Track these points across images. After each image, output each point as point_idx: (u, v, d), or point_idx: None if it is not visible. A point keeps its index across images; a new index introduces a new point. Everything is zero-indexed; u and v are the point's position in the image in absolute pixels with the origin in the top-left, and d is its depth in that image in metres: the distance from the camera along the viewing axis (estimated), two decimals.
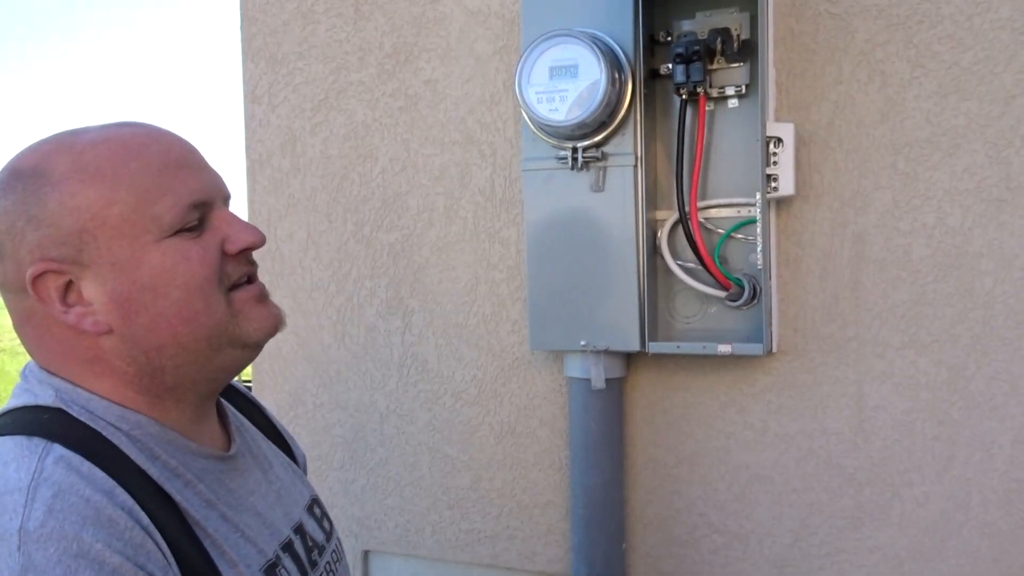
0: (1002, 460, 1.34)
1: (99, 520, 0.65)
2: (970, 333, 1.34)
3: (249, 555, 0.77)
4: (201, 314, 0.76)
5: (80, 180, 0.73)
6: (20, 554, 0.61)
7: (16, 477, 0.66)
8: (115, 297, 0.74)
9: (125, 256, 0.74)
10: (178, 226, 0.75)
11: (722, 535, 1.52)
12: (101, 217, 0.73)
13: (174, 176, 0.76)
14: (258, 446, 0.94)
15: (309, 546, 0.90)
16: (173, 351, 0.76)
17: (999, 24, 1.30)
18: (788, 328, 1.45)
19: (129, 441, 0.74)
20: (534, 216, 1.48)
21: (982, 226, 1.33)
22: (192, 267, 0.76)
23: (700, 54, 1.36)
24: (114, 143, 0.75)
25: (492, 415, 1.67)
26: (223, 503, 0.79)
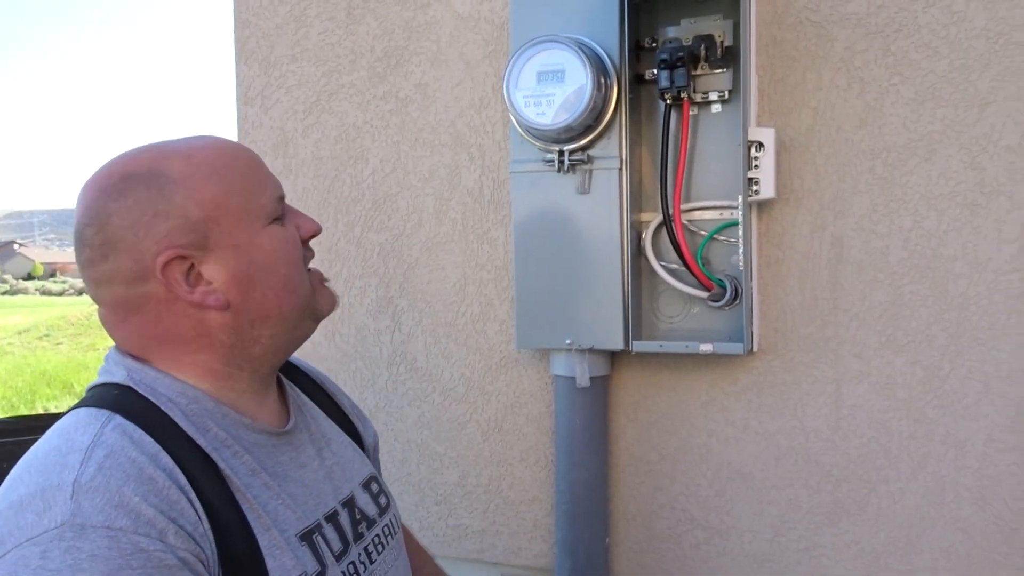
0: (975, 458, 1.37)
1: (140, 478, 0.74)
2: (945, 334, 1.38)
3: (286, 521, 0.85)
4: (299, 288, 0.91)
5: (201, 177, 0.85)
6: (72, 501, 0.71)
7: (80, 440, 0.77)
8: (235, 275, 0.86)
9: (244, 239, 0.86)
10: (274, 215, 0.89)
11: (703, 530, 1.55)
12: (224, 207, 0.85)
13: (264, 175, 0.91)
14: (317, 424, 1.02)
15: (357, 519, 0.97)
16: (275, 321, 0.89)
17: (974, 33, 1.34)
18: (769, 328, 1.48)
19: (183, 414, 0.83)
20: (521, 217, 1.51)
21: (957, 230, 1.36)
22: (291, 248, 0.90)
23: (684, 60, 1.40)
24: (214, 149, 0.88)
25: (479, 412, 1.70)
26: (268, 473, 0.86)
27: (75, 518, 0.70)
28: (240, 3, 1.87)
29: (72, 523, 0.69)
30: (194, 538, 0.75)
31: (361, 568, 0.93)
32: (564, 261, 1.48)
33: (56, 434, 0.80)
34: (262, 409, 0.92)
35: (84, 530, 0.69)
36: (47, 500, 0.71)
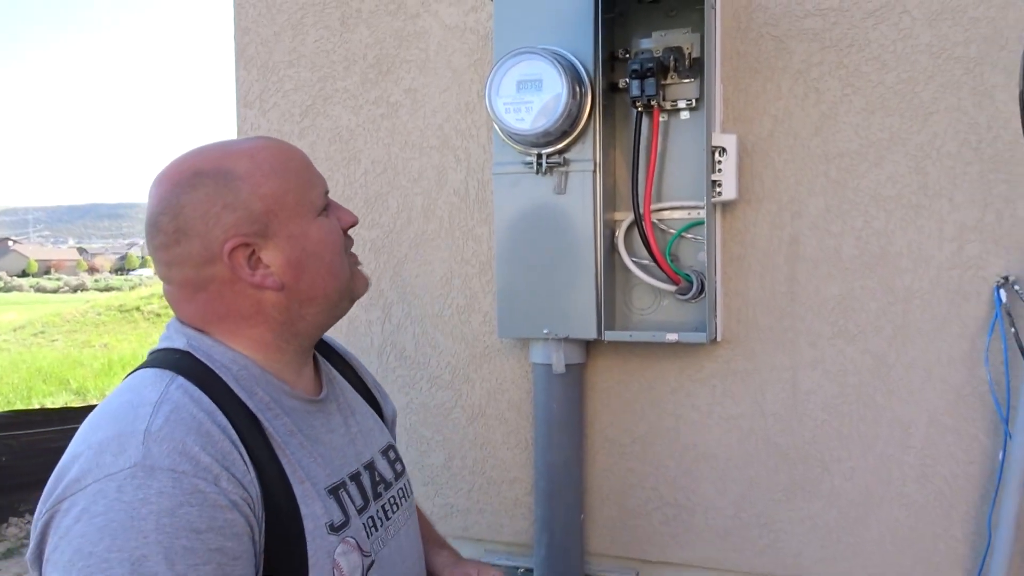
0: (919, 439, 1.49)
1: (200, 431, 0.86)
2: (892, 325, 1.50)
3: (317, 476, 0.96)
4: (341, 272, 1.03)
5: (263, 175, 0.97)
6: (143, 446, 0.82)
7: (149, 395, 0.89)
8: (290, 260, 0.98)
9: (298, 230, 0.98)
10: (321, 208, 1.01)
11: (671, 507, 1.67)
12: (281, 202, 0.97)
13: (313, 173, 1.03)
14: (345, 396, 1.14)
15: (376, 480, 1.09)
16: (320, 300, 1.01)
17: (919, 48, 1.45)
18: (732, 320, 1.60)
19: (234, 379, 0.95)
20: (503, 216, 1.62)
21: (903, 229, 1.48)
22: (335, 238, 1.02)
23: (654, 71, 1.51)
24: (273, 150, 1.00)
25: (464, 398, 1.81)
26: (303, 434, 0.98)
27: (146, 460, 0.81)
28: (240, 11, 1.98)
29: (143, 464, 0.81)
30: (243, 484, 0.86)
31: (379, 522, 1.05)
32: (542, 256, 1.59)
33: (126, 389, 0.92)
34: (300, 379, 1.04)
35: (153, 471, 0.81)
36: (122, 444, 0.83)
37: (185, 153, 0.99)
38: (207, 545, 0.81)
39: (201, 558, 0.80)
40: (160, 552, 0.78)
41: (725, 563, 1.64)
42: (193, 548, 0.80)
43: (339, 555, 0.94)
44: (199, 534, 0.81)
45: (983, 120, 1.42)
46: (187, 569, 0.79)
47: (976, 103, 1.42)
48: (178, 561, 0.79)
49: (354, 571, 0.96)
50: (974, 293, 1.44)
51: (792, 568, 1.59)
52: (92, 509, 0.80)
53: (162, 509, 0.80)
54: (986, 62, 1.41)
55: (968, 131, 1.43)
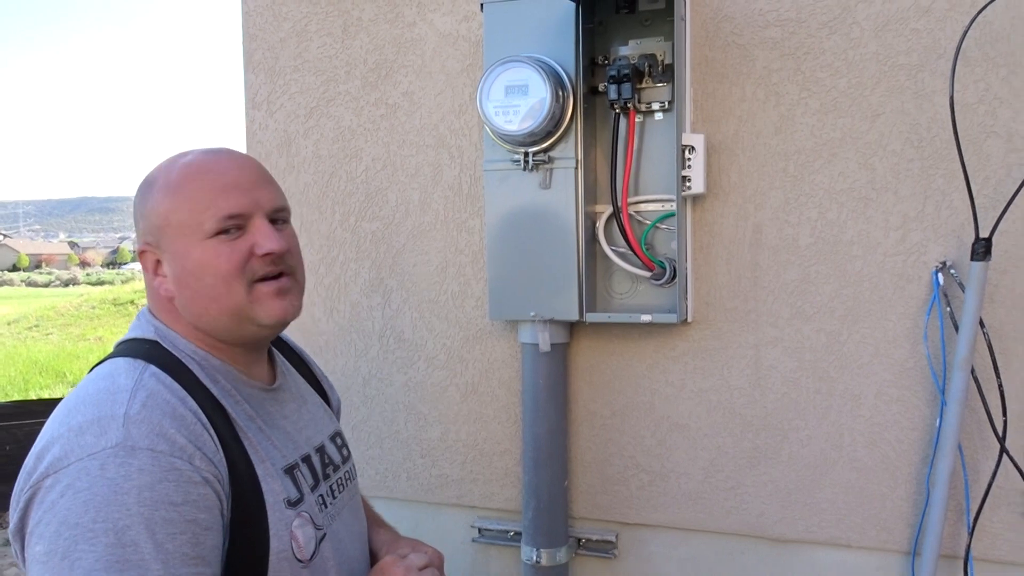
0: (867, 408, 1.65)
1: (174, 415, 0.95)
2: (843, 306, 1.66)
3: (274, 456, 1.06)
4: (224, 297, 1.03)
5: (163, 192, 1.04)
6: (123, 428, 0.91)
7: (124, 382, 0.97)
8: (174, 276, 1.05)
9: (180, 249, 1.04)
10: (216, 231, 1.02)
11: (647, 474, 1.83)
12: (168, 220, 1.04)
13: (219, 195, 1.03)
14: (297, 386, 1.25)
15: (325, 463, 1.19)
16: (208, 319, 1.05)
17: (867, 56, 1.61)
18: (701, 302, 1.76)
19: (199, 368, 1.04)
20: (493, 209, 1.78)
21: (853, 220, 1.64)
22: (220, 262, 1.02)
23: (630, 76, 1.66)
24: (191, 167, 1.05)
25: (458, 377, 1.97)
26: (260, 419, 1.08)
27: (127, 441, 0.90)
28: (248, 18, 2.12)
29: (124, 444, 0.89)
30: (214, 463, 0.95)
31: (328, 500, 1.15)
32: (529, 246, 1.75)
33: (100, 377, 0.99)
34: (252, 369, 1.13)
35: (134, 451, 0.89)
36: (103, 426, 0.91)
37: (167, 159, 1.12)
38: (183, 516, 0.90)
39: (178, 528, 0.89)
40: (141, 522, 0.87)
41: (696, 524, 1.80)
42: (171, 519, 0.88)
43: (296, 527, 1.04)
44: (176, 506, 0.89)
45: (924, 121, 1.58)
46: (165, 538, 0.88)
47: (918, 106, 1.58)
48: (158, 530, 0.87)
49: (308, 542, 1.06)
50: (916, 277, 1.60)
51: (756, 527, 1.75)
52: (76, 485, 0.87)
53: (143, 484, 0.88)
54: (926, 69, 1.57)
55: (911, 131, 1.59)
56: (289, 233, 1.12)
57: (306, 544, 1.05)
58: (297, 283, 1.11)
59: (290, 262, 1.09)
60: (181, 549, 0.89)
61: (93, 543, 0.85)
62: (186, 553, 0.89)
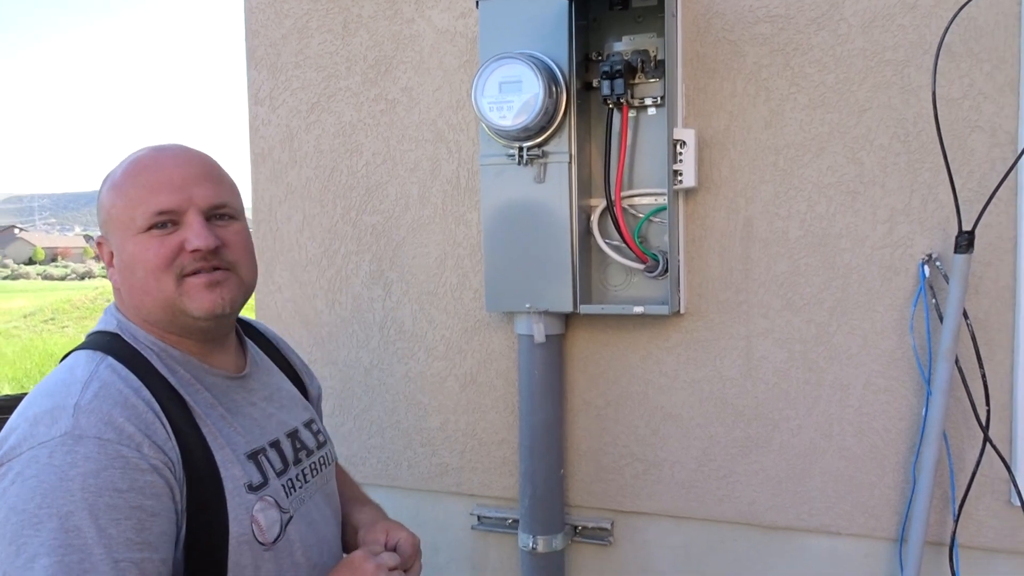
0: (856, 398, 1.68)
1: (125, 404, 0.99)
2: (832, 298, 1.69)
3: (236, 443, 1.10)
4: (154, 290, 1.08)
5: (109, 187, 1.12)
6: (72, 418, 0.95)
7: (80, 374, 1.02)
8: (118, 267, 1.11)
9: (119, 242, 1.10)
10: (147, 226, 1.07)
11: (641, 463, 1.86)
12: (110, 214, 1.11)
13: (152, 192, 1.08)
14: (270, 376, 1.29)
15: (297, 447, 1.23)
16: (147, 311, 1.10)
17: (855, 52, 1.63)
18: (693, 294, 1.79)
19: (158, 359, 1.09)
20: (489, 203, 1.81)
21: (841, 213, 1.67)
22: (149, 256, 1.07)
23: (622, 72, 1.70)
24: (134, 165, 1.11)
25: (457, 368, 2.01)
26: (223, 407, 1.12)
27: (75, 430, 0.94)
28: (250, 16, 2.16)
29: (72, 433, 0.93)
30: (164, 451, 0.98)
31: (298, 485, 1.18)
32: (524, 239, 1.78)
33: (62, 369, 1.05)
34: (215, 358, 1.16)
35: (81, 439, 0.93)
36: (54, 416, 0.95)
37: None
38: (128, 503, 0.93)
39: (122, 513, 0.92)
40: (85, 508, 0.90)
41: (689, 511, 1.84)
42: (115, 505, 0.92)
43: (257, 511, 1.07)
44: (121, 493, 0.92)
45: (910, 116, 1.60)
46: (109, 523, 0.91)
47: (904, 101, 1.60)
48: (101, 516, 0.91)
49: (272, 525, 1.09)
50: (903, 269, 1.63)
51: (747, 515, 1.79)
52: (25, 472, 0.91)
53: (88, 471, 0.91)
54: (912, 64, 1.59)
55: (897, 126, 1.61)
56: (232, 230, 1.14)
57: (268, 527, 1.08)
58: (236, 276, 1.13)
59: (228, 257, 1.12)
60: (125, 534, 0.92)
61: (38, 528, 0.89)
62: (130, 539, 0.92)
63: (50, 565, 0.88)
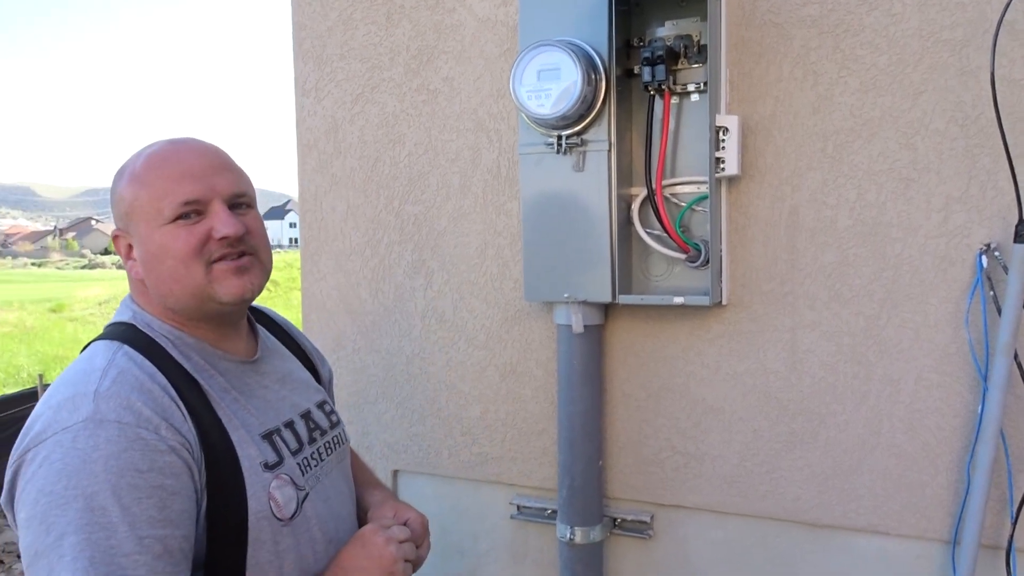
0: (907, 394, 1.62)
1: (142, 389, 1.03)
2: (883, 290, 1.62)
3: (251, 424, 1.14)
4: (184, 278, 1.11)
5: (129, 181, 1.13)
6: (93, 404, 0.99)
7: (98, 363, 1.06)
8: (141, 259, 1.14)
9: (144, 234, 1.12)
10: (174, 217, 1.10)
11: (682, 456, 1.83)
12: (133, 206, 1.12)
13: (177, 183, 1.11)
14: (281, 359, 1.33)
15: (311, 427, 1.27)
16: (174, 299, 1.13)
17: (909, 33, 1.56)
18: (737, 285, 1.74)
19: (173, 346, 1.13)
20: (528, 192, 1.80)
21: (893, 201, 1.60)
22: (178, 245, 1.10)
23: (664, 58, 1.66)
24: (154, 158, 1.13)
25: (497, 357, 2.01)
26: (236, 390, 1.16)
27: (95, 415, 0.98)
28: (297, 9, 2.19)
29: (94, 418, 0.98)
30: (181, 432, 1.02)
31: (312, 463, 1.23)
32: (562, 228, 1.76)
33: (82, 359, 1.10)
34: (228, 344, 1.20)
35: (102, 423, 0.98)
36: (76, 403, 1.00)
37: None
38: (149, 483, 0.97)
39: (144, 493, 0.96)
40: (108, 488, 0.94)
41: (731, 507, 1.80)
42: (136, 484, 0.96)
43: (274, 488, 1.11)
44: (141, 473, 0.97)
45: (968, 99, 1.52)
46: (131, 502, 0.95)
47: (962, 83, 1.53)
48: (124, 495, 0.95)
49: (289, 502, 1.14)
50: (959, 260, 1.55)
51: (791, 511, 1.74)
52: (51, 457, 0.96)
53: (110, 453, 0.96)
54: (971, 44, 1.51)
55: (955, 109, 1.54)
56: (251, 217, 1.18)
57: (286, 504, 1.13)
58: (259, 262, 1.18)
59: (251, 243, 1.16)
60: (147, 512, 0.96)
61: (65, 508, 0.94)
62: (152, 516, 0.97)
63: (78, 543, 0.92)
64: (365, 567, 1.16)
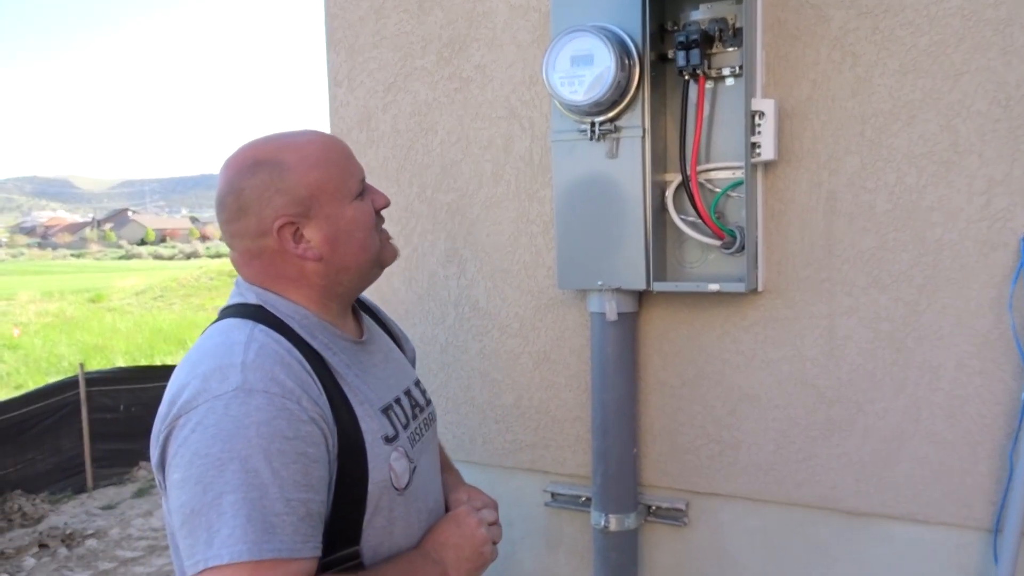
0: (947, 381, 1.59)
1: (283, 363, 1.09)
2: (922, 275, 1.60)
3: (371, 400, 1.20)
4: (372, 246, 1.23)
5: (308, 166, 1.17)
6: (241, 374, 1.05)
7: (238, 337, 1.11)
8: (327, 237, 1.19)
9: (335, 212, 1.19)
10: (357, 193, 1.21)
11: (717, 444, 1.82)
12: (322, 188, 1.18)
13: (350, 163, 1.23)
14: (381, 339, 1.40)
15: (414, 404, 1.34)
16: (353, 270, 1.22)
17: (951, 12, 1.53)
18: (773, 271, 1.73)
19: (299, 325, 1.18)
20: (561, 179, 1.79)
21: (933, 184, 1.57)
22: (366, 218, 1.22)
23: (698, 42, 1.64)
24: (319, 144, 1.20)
25: (531, 345, 2.01)
26: (355, 368, 1.22)
27: (245, 384, 1.04)
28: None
29: (243, 387, 1.03)
30: (318, 404, 1.08)
31: (416, 437, 1.30)
32: (596, 215, 1.76)
33: (216, 333, 1.14)
34: (345, 325, 1.27)
35: (251, 393, 1.03)
36: (224, 373, 1.05)
37: (248, 143, 1.21)
38: (295, 449, 1.03)
39: (290, 458, 1.02)
40: (260, 452, 1.00)
41: (767, 495, 1.79)
42: (284, 450, 1.02)
43: (393, 460, 1.19)
44: (288, 440, 1.03)
45: (1012, 79, 1.49)
46: (281, 466, 1.01)
47: (1005, 63, 1.49)
48: (274, 459, 1.01)
49: (404, 474, 1.21)
50: (1001, 244, 1.52)
51: (828, 500, 1.72)
52: (205, 422, 1.01)
53: (260, 420, 1.02)
54: (1015, 23, 1.48)
55: (997, 90, 1.50)
56: None
57: (402, 474, 1.20)
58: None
59: None
60: (294, 477, 1.02)
61: (221, 470, 0.99)
62: (298, 481, 1.03)
63: (236, 501, 0.98)
64: (459, 544, 1.25)
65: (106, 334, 15.51)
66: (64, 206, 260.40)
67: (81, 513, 7.24)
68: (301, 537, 1.02)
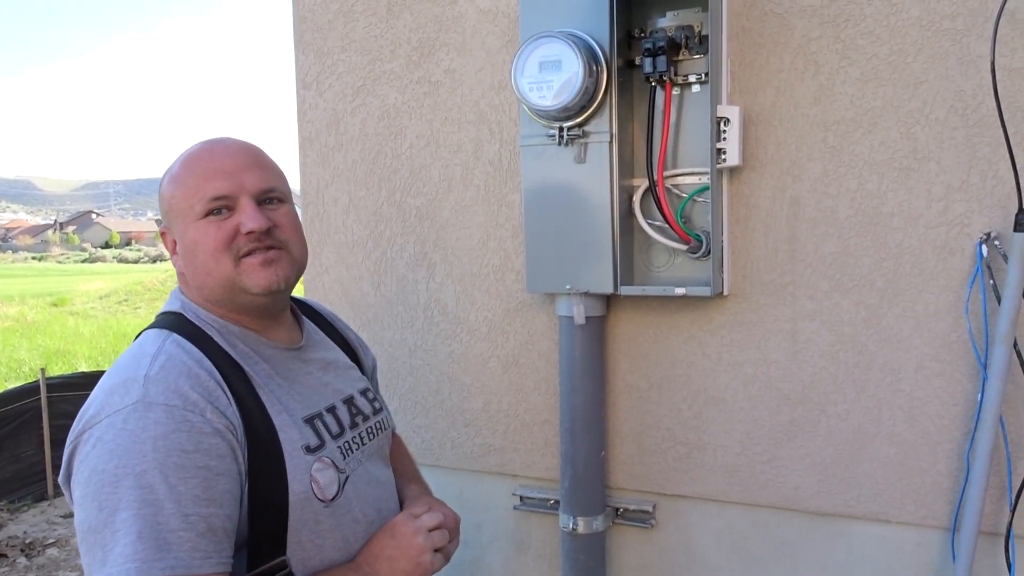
0: (907, 383, 1.63)
1: (189, 374, 1.09)
2: (883, 279, 1.63)
3: (294, 409, 1.19)
4: (215, 270, 1.17)
5: (169, 180, 1.21)
6: (143, 388, 1.05)
7: (148, 349, 1.12)
8: (181, 254, 1.21)
9: (181, 229, 1.19)
10: (205, 213, 1.16)
11: (684, 446, 1.84)
12: (170, 204, 1.20)
13: (208, 180, 1.17)
14: (325, 347, 1.38)
15: (354, 413, 1.32)
16: (208, 291, 1.19)
17: (910, 22, 1.56)
18: (738, 275, 1.75)
19: (219, 335, 1.19)
20: (530, 184, 1.80)
21: (894, 191, 1.60)
22: (209, 240, 1.16)
23: (665, 49, 1.66)
24: (189, 157, 1.20)
25: (500, 349, 2.02)
26: (280, 378, 1.21)
27: (145, 398, 1.04)
28: (298, 2, 2.18)
29: (143, 401, 1.04)
30: (226, 415, 1.08)
31: (354, 447, 1.27)
32: (564, 219, 1.77)
33: (134, 346, 1.16)
34: (272, 332, 1.26)
35: (151, 406, 1.03)
36: (127, 387, 1.06)
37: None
38: (194, 463, 1.02)
39: (189, 473, 1.01)
40: (156, 467, 1.00)
41: (733, 496, 1.81)
42: (183, 464, 1.01)
43: (315, 471, 1.16)
44: (187, 454, 1.02)
45: (969, 88, 1.53)
46: (178, 481, 1.00)
47: (962, 72, 1.53)
48: (171, 474, 1.00)
49: (330, 484, 1.18)
50: (959, 249, 1.56)
51: (792, 500, 1.75)
52: (104, 437, 1.02)
53: (158, 434, 1.01)
54: (972, 34, 1.52)
55: (955, 98, 1.54)
56: (282, 212, 1.22)
57: (327, 486, 1.17)
58: (288, 255, 1.22)
59: (280, 237, 1.20)
60: (192, 491, 1.01)
61: (116, 486, 0.99)
62: (197, 495, 1.01)
63: (128, 518, 0.98)
64: (394, 556, 1.20)
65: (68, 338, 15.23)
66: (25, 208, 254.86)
67: (42, 522, 7.10)
68: (201, 553, 1.00)
